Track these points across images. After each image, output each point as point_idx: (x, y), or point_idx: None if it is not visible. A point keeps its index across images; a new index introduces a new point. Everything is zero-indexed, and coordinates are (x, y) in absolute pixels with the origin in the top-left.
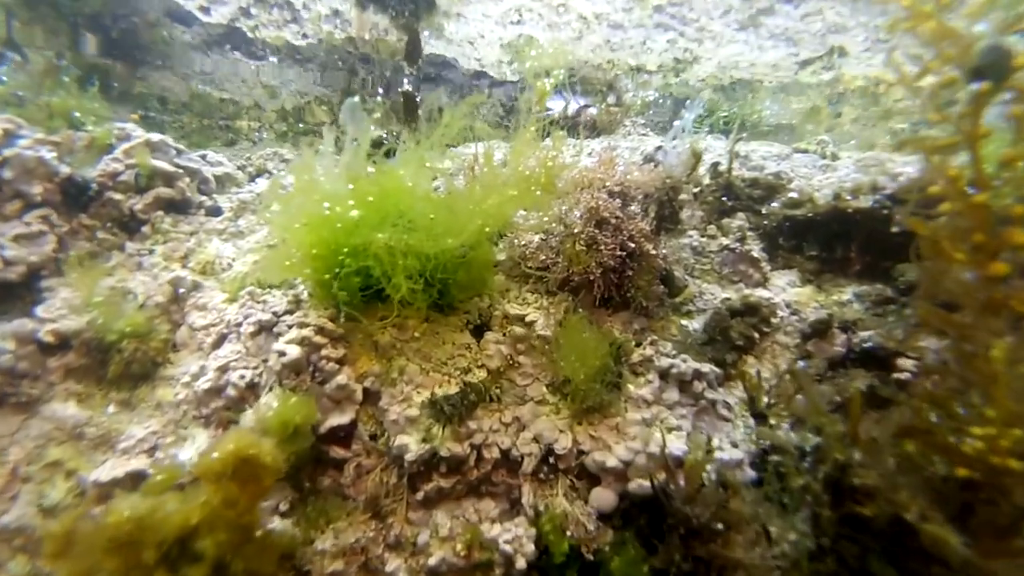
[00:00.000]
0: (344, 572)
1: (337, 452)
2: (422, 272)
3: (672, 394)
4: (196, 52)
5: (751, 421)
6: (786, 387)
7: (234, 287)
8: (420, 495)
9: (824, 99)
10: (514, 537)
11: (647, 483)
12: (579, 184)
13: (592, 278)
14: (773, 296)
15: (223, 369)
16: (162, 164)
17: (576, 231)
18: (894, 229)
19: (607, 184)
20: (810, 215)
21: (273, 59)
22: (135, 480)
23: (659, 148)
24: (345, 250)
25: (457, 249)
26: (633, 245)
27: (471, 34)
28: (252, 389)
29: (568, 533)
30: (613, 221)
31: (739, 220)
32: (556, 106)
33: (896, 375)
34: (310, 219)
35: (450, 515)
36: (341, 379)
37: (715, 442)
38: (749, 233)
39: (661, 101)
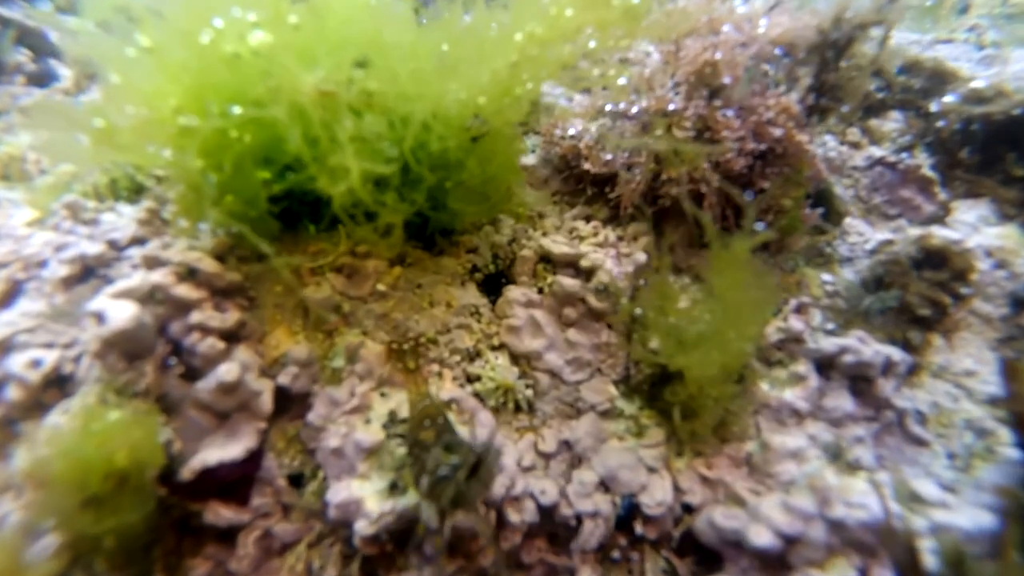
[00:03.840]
0: None
1: (221, 515)
2: (390, 159)
3: (840, 400)
4: None
5: (965, 443)
6: None
7: (48, 198)
8: None
9: None
10: None
11: None
12: (682, 27)
13: (703, 190)
14: (963, 239)
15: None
16: None
17: (674, 107)
18: None
19: (733, 33)
20: (1017, 113)
21: None
22: None
23: None
24: (238, 110)
25: (463, 111)
26: (776, 134)
27: None
28: (61, 387)
29: None
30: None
31: (894, 122)
32: None
33: None
34: (178, 55)
35: None
36: (230, 371)
37: (928, 490)
38: (911, 142)
39: None
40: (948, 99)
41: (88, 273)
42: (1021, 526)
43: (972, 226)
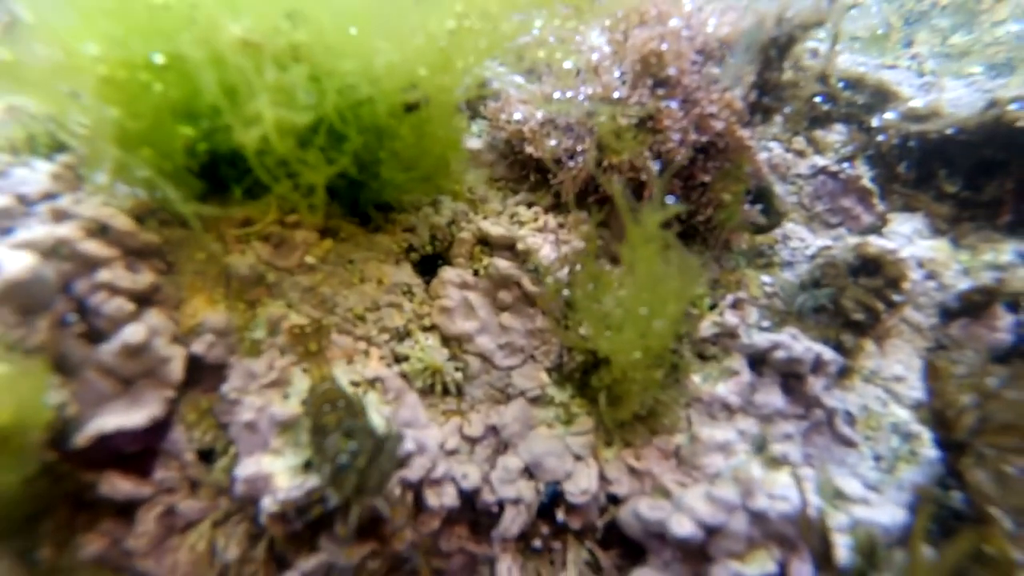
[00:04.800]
0: None
1: (118, 487)
2: (307, 108)
3: (772, 397)
4: None
5: (891, 447)
6: (1001, 405)
7: None
8: None
9: (900, 15)
10: None
11: (751, 571)
12: (631, 16)
13: (643, 179)
14: (898, 249)
15: None
16: None
17: (618, 95)
18: None
19: (681, 28)
20: (950, 132)
21: None
22: None
23: None
24: (160, 59)
25: (394, 74)
26: (718, 127)
27: None
28: None
29: None
30: (685, 82)
31: (837, 134)
32: None
33: None
34: None
35: None
36: (136, 332)
37: (851, 487)
38: (853, 152)
39: None
40: (888, 115)
41: None
42: (929, 519)
43: (907, 237)
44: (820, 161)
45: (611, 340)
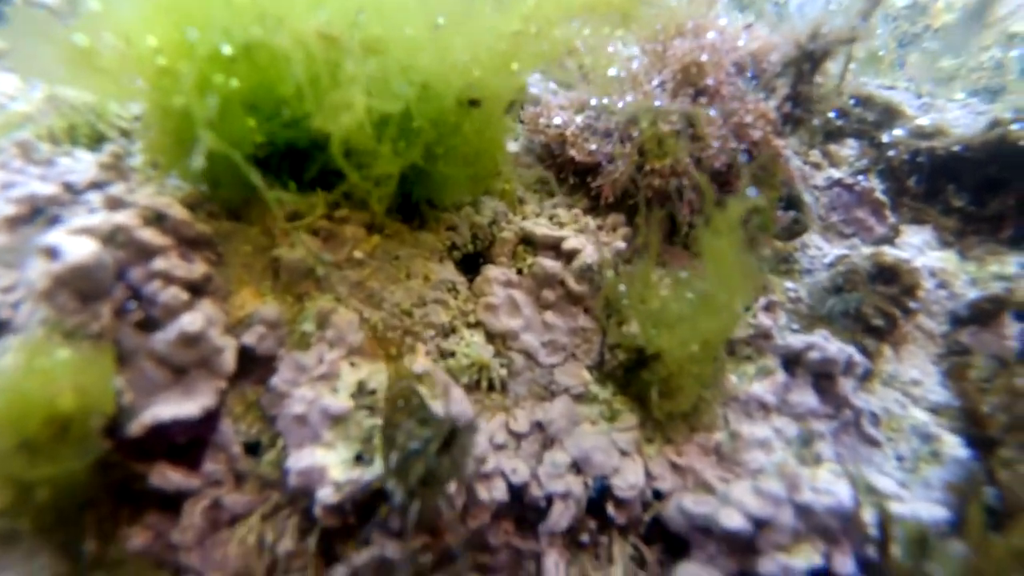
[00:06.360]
0: None
1: (169, 479)
2: (398, 97)
3: (806, 396)
4: None
5: (912, 448)
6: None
7: None
8: (341, 573)
9: (894, 37)
10: None
11: (798, 563)
12: (669, 27)
13: (681, 184)
14: (911, 259)
15: None
16: None
17: (659, 103)
18: None
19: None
20: (956, 150)
21: None
22: None
23: None
24: (229, 50)
25: (463, 71)
26: (754, 136)
27: None
28: None
29: None
30: (724, 93)
31: (850, 148)
32: None
33: None
34: None
35: None
36: (193, 322)
37: (884, 484)
38: (867, 166)
39: None
40: (897, 132)
41: (37, 214)
42: (980, 508)
43: (918, 248)
44: (835, 174)
45: (664, 335)
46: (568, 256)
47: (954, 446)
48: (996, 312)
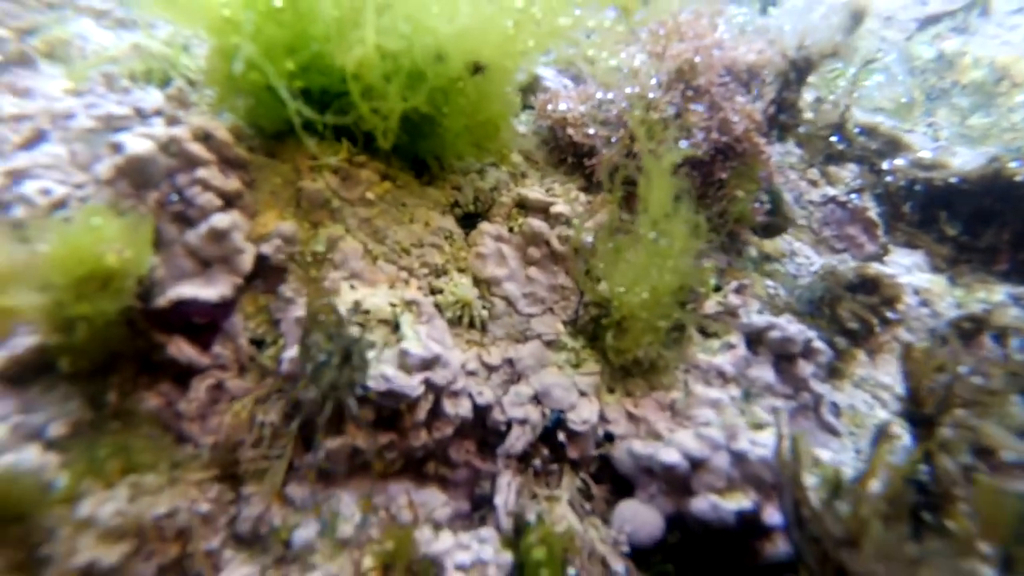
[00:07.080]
0: (115, 570)
1: (183, 351)
2: (402, 36)
3: (764, 372)
4: None
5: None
6: (963, 389)
7: (85, 72)
8: (316, 456)
9: (922, 90)
10: (474, 562)
11: (728, 505)
12: (670, 36)
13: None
14: (896, 275)
15: (16, 175)
16: None
17: (653, 95)
18: None
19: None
20: (953, 181)
21: None
22: None
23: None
24: (278, 2)
25: (472, 36)
26: (738, 131)
27: None
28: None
29: (572, 573)
30: (713, 91)
31: (849, 172)
32: None
33: None
34: None
35: (362, 500)
36: (222, 222)
37: (828, 457)
38: (863, 186)
39: None
40: (898, 161)
41: (109, 127)
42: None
43: (907, 268)
44: (831, 191)
45: (617, 282)
46: (555, 219)
47: (907, 437)
48: (975, 332)
